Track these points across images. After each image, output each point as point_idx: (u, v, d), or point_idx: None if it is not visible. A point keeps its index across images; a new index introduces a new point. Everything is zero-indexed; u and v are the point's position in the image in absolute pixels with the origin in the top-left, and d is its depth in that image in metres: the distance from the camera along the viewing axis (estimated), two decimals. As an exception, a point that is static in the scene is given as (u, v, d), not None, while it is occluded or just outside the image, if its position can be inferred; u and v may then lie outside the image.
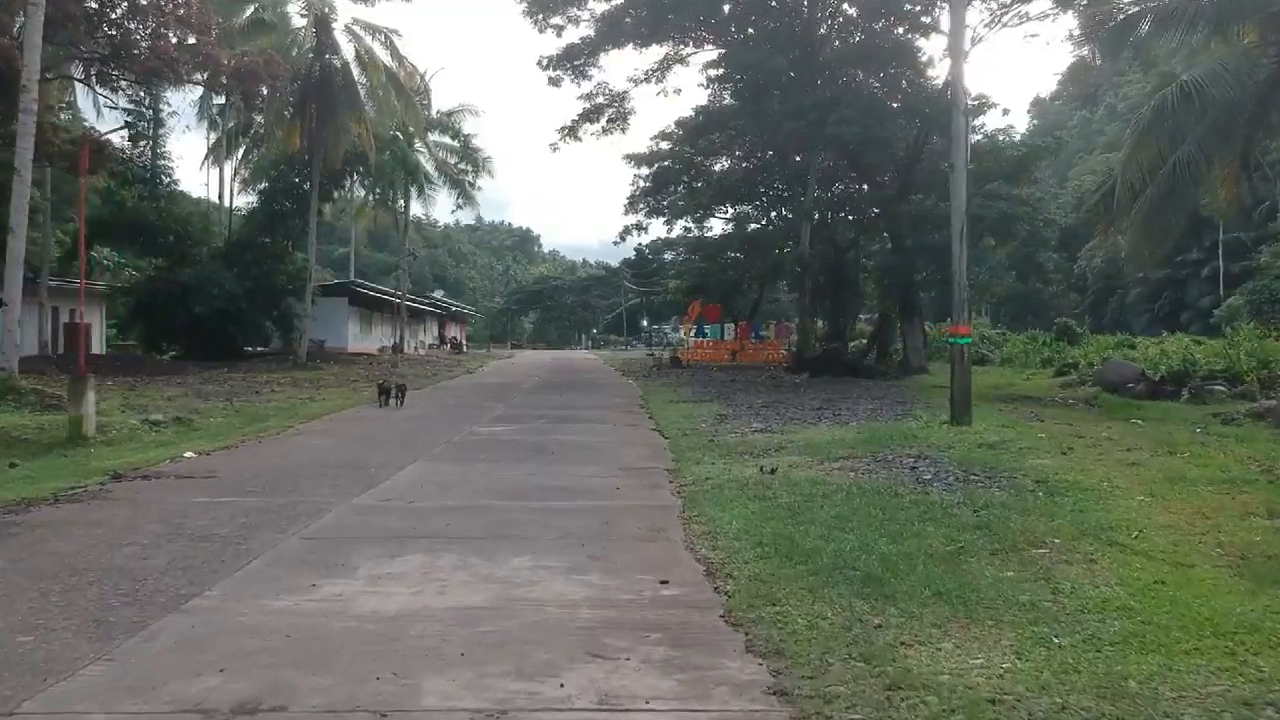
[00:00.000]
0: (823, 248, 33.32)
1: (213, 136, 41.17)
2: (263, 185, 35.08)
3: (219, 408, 17.15)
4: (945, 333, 21.29)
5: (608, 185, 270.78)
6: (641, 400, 19.81)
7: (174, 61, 25.44)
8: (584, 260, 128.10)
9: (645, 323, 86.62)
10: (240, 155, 41.09)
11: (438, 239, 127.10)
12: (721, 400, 19.13)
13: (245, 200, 38.95)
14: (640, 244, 79.38)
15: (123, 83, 27.21)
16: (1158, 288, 63.48)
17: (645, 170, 39.66)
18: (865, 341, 35.91)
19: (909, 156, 27.63)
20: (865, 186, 32.49)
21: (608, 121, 31.18)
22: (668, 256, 72.25)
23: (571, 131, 31.03)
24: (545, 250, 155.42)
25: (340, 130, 32.06)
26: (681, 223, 42.09)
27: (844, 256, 35.08)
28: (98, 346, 37.01)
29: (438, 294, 71.23)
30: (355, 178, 40.08)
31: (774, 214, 42.49)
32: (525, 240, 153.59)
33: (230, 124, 39.79)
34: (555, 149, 31.41)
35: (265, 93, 28.95)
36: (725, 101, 34.69)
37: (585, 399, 20.57)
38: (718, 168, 39.84)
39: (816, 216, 33.60)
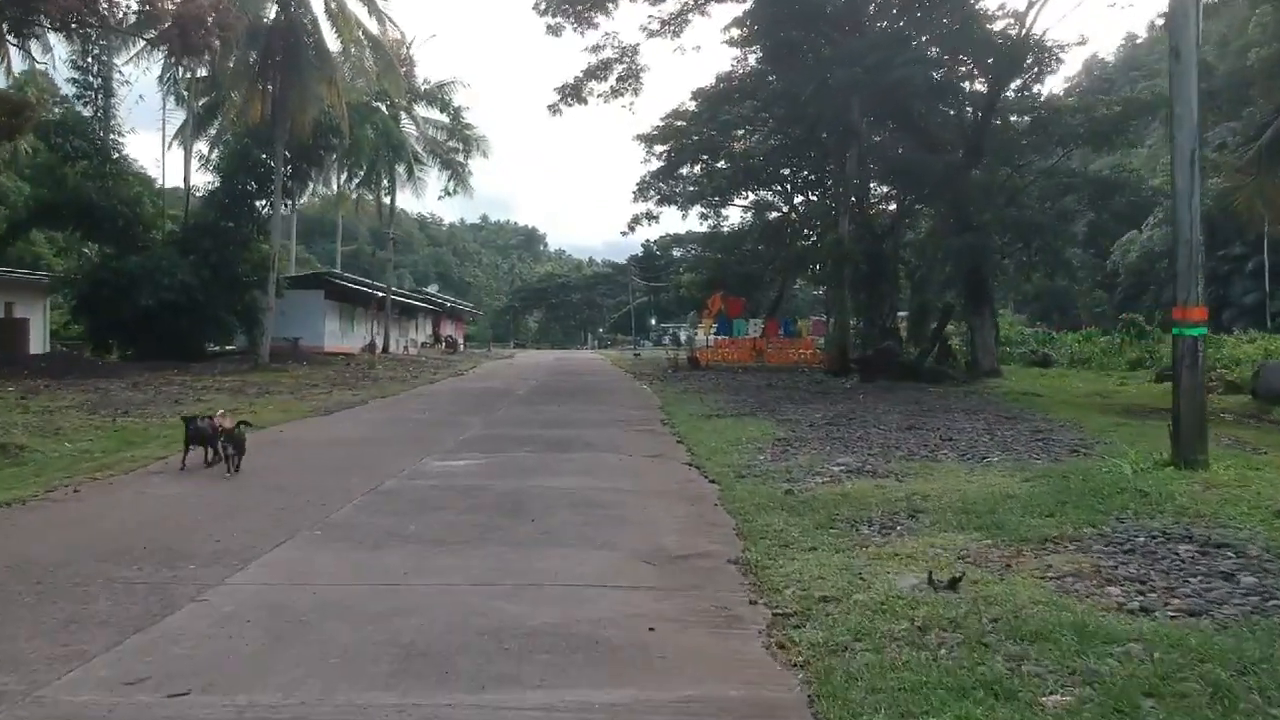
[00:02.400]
0: (857, 233, 28.74)
1: (179, 115, 36.92)
2: (224, 159, 30.72)
3: (99, 424, 12.83)
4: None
5: (614, 185, 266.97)
6: (663, 414, 15.27)
7: (94, 1, 21.17)
8: (590, 259, 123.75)
9: (654, 321, 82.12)
10: (214, 133, 36.80)
11: (442, 237, 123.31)
12: (766, 413, 14.66)
13: (206, 181, 34.61)
14: (649, 240, 75.69)
15: (40, 29, 22.84)
16: (1197, 285, 58.99)
17: (659, 148, 35.32)
18: (905, 339, 31.29)
19: (981, 114, 22.93)
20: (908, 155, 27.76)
21: (617, 80, 26.49)
22: (676, 253, 68.04)
23: (575, 91, 26.29)
24: (551, 249, 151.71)
25: (308, 96, 27.73)
26: (696, 209, 37.56)
27: (880, 245, 30.51)
28: (38, 344, 32.82)
29: (432, 288, 66.71)
30: (334, 155, 35.61)
31: (799, 200, 38.05)
32: (531, 239, 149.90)
33: (202, 102, 35.53)
34: (557, 112, 26.58)
35: (217, 45, 24.61)
36: (750, 65, 30.26)
37: (590, 412, 16.02)
38: (739, 146, 35.35)
39: (853, 199, 29.06)
